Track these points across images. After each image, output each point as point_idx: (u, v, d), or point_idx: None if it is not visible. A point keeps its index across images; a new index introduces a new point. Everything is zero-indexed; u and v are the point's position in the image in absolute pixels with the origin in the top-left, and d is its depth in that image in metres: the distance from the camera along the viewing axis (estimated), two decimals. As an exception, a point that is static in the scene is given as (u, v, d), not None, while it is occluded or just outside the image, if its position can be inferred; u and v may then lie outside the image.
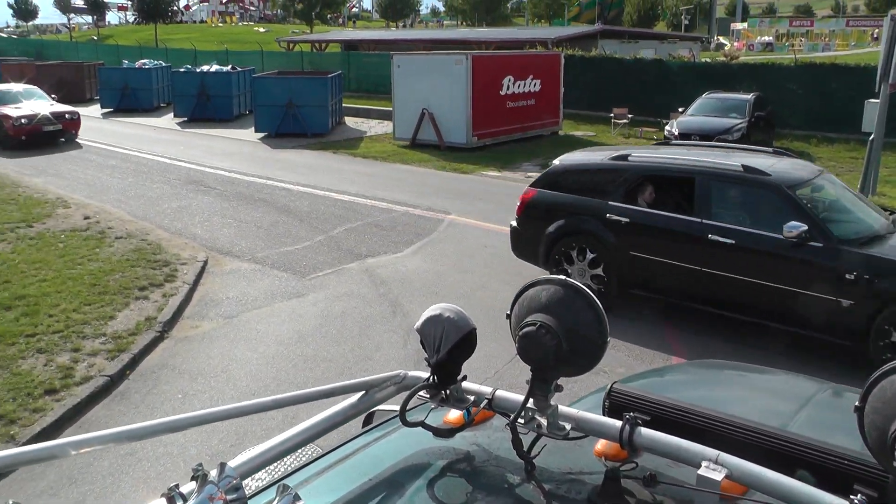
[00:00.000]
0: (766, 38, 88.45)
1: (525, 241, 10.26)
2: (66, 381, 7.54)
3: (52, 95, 27.26)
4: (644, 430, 1.67)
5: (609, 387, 2.11)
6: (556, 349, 1.67)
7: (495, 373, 7.55)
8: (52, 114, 24.10)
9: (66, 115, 24.52)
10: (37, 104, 24.54)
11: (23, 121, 23.08)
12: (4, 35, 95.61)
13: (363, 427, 2.33)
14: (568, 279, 1.76)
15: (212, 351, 8.54)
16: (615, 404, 2.05)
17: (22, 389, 7.29)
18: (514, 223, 10.34)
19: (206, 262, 11.56)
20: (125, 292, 10.09)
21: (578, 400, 3.04)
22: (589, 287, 8.36)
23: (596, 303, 1.73)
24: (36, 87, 27.29)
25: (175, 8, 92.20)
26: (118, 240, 12.55)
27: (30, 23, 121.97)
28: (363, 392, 2.10)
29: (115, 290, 10.11)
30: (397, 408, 1.89)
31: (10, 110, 23.55)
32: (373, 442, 2.09)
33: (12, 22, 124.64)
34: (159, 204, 15.63)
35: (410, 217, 14.36)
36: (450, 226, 13.74)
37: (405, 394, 1.90)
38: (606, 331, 1.73)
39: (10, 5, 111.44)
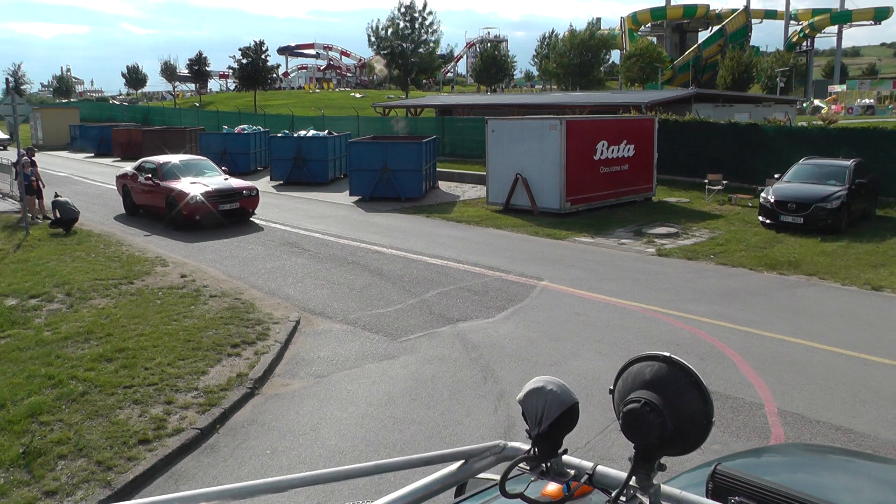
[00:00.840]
0: (867, 101, 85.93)
1: None
2: (159, 432, 7.75)
3: (223, 168, 23.67)
4: None
5: (713, 468, 2.03)
6: (660, 428, 1.64)
7: (587, 443, 7.38)
8: (229, 189, 21.12)
9: (244, 192, 21.39)
10: (211, 179, 21.65)
11: (198, 198, 20.06)
12: (117, 103, 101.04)
13: (455, 496, 2.28)
14: (672, 356, 1.71)
15: (301, 409, 8.60)
16: (719, 486, 1.96)
17: (119, 438, 7.56)
18: None
19: (298, 322, 11.72)
20: (218, 349, 10.30)
21: (675, 476, 2.93)
22: None
23: (701, 381, 1.69)
24: (205, 157, 24.78)
25: (274, 75, 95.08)
26: (212, 298, 12.87)
27: (139, 90, 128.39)
28: (462, 461, 2.06)
29: (209, 347, 10.33)
30: (493, 477, 1.85)
31: (184, 185, 20.73)
32: None
33: (124, 90, 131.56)
34: (253, 264, 16.00)
35: (503, 282, 14.30)
36: (542, 292, 13.61)
37: (503, 464, 1.86)
38: (712, 411, 1.68)
39: (123, 75, 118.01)
